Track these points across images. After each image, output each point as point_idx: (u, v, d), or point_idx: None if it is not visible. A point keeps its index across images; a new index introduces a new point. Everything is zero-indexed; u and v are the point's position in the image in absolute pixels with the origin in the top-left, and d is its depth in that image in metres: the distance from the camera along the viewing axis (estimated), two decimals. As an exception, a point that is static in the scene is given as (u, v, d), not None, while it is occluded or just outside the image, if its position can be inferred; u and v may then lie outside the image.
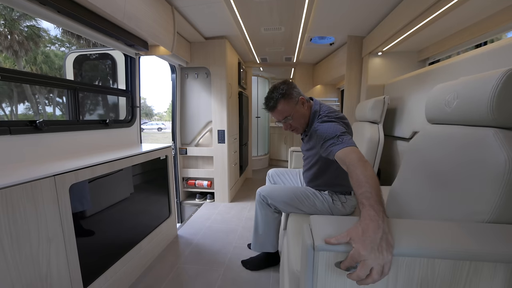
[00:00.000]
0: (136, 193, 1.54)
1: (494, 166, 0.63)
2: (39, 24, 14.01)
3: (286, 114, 1.22)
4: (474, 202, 0.67)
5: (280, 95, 1.20)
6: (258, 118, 4.80)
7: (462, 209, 0.70)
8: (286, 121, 1.24)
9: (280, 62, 3.88)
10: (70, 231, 1.05)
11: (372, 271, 0.54)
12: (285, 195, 1.35)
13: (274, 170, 1.74)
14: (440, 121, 0.92)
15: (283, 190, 1.39)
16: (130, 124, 1.92)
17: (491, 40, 1.58)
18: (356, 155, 0.88)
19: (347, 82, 2.65)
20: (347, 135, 1.02)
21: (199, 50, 2.70)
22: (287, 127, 1.28)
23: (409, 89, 1.87)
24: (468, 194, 0.69)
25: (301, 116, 1.25)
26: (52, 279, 0.98)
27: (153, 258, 1.73)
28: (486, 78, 0.71)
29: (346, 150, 0.94)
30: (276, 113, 1.23)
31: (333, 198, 1.31)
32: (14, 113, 14.87)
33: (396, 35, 1.89)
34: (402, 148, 1.91)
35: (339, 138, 1.00)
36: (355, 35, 2.54)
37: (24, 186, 0.86)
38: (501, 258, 0.55)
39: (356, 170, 0.78)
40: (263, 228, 1.48)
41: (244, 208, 2.72)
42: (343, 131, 1.05)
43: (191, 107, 2.88)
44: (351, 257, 0.55)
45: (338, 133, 1.02)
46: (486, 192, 0.64)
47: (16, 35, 12.97)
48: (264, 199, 1.41)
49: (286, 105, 1.21)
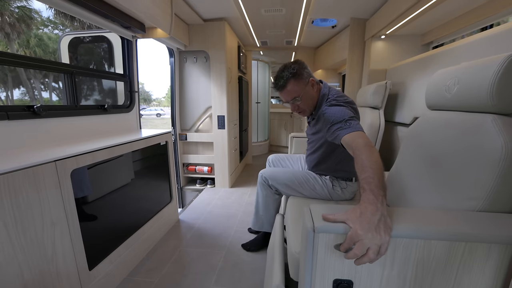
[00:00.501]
0: (137, 178, 1.55)
1: (491, 152, 0.64)
2: (30, 5, 13.52)
3: (295, 95, 1.20)
4: (470, 187, 0.68)
5: (290, 74, 1.17)
6: (258, 104, 4.76)
7: (458, 194, 0.71)
8: (294, 102, 1.22)
9: (280, 46, 3.80)
10: (73, 215, 1.07)
11: (369, 250, 0.56)
12: (286, 178, 1.38)
13: (274, 156, 1.76)
14: (439, 107, 0.91)
15: (284, 172, 1.42)
16: (129, 110, 1.90)
17: (497, 23, 1.53)
18: (363, 140, 0.87)
19: (348, 66, 2.60)
20: (355, 120, 1.01)
21: (197, 33, 2.63)
22: (295, 108, 1.26)
23: (411, 74, 1.84)
24: (465, 179, 0.70)
25: (310, 98, 1.23)
26: (58, 261, 1.00)
27: (155, 242, 1.76)
28: (488, 63, 0.70)
29: (353, 134, 0.93)
30: (285, 93, 1.21)
31: (334, 183, 1.33)
32: (10, 99, 14.66)
33: (400, 17, 1.84)
34: (402, 134, 1.90)
35: (347, 122, 0.99)
36: (358, 18, 2.47)
37: (26, 171, 0.87)
38: (495, 239, 0.56)
39: (362, 155, 0.78)
40: (263, 209, 1.53)
41: (244, 193, 2.76)
42: (351, 115, 1.03)
43: (190, 92, 2.84)
44: (350, 238, 0.57)
45: (346, 118, 1.01)
46: (482, 177, 0.65)
47: (7, 16, 12.54)
48: (265, 180, 1.44)
49: (296, 85, 1.18)
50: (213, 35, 2.61)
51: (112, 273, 1.31)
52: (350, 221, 0.59)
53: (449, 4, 1.54)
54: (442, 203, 0.76)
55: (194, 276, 1.43)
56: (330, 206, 0.69)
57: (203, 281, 1.40)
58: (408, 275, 0.61)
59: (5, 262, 0.82)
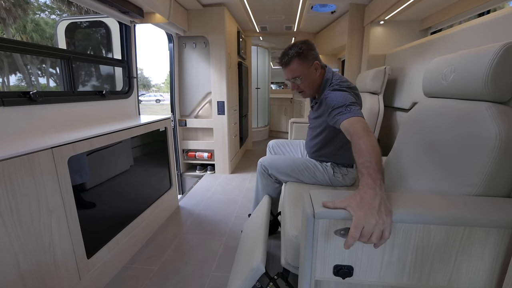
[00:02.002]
0: (136, 165, 1.54)
1: (486, 139, 0.64)
2: (25, -11, 13.16)
3: (297, 74, 1.20)
4: (466, 172, 0.69)
5: (295, 53, 1.17)
6: (258, 89, 4.75)
7: (455, 179, 0.72)
8: (294, 81, 1.23)
9: (280, 31, 3.75)
10: (71, 203, 1.05)
11: (372, 236, 0.55)
12: (286, 166, 1.37)
13: (274, 141, 1.75)
14: (436, 95, 0.93)
15: (284, 160, 1.40)
16: (127, 96, 1.91)
17: (494, 9, 1.53)
18: (362, 125, 0.88)
19: (348, 52, 2.59)
20: (356, 105, 1.02)
21: (197, 18, 2.60)
22: (294, 87, 1.26)
23: (410, 60, 1.84)
24: (461, 165, 0.71)
25: (311, 80, 1.23)
26: (55, 250, 0.99)
27: (155, 228, 1.75)
28: (483, 52, 0.71)
29: (352, 119, 0.95)
30: (287, 70, 1.22)
31: (335, 170, 1.33)
32: (6, 85, 14.52)
33: (399, 3, 1.82)
34: (401, 119, 1.92)
35: (348, 107, 1.01)
36: (357, 3, 2.43)
37: (21, 158, 0.85)
38: (494, 223, 0.57)
39: (359, 139, 0.79)
40: (263, 195, 1.51)
41: (244, 179, 2.78)
42: (353, 101, 1.05)
43: (189, 78, 2.84)
44: (355, 227, 0.55)
45: (347, 103, 1.02)
46: (477, 164, 0.66)
47: (2, 1, 12.24)
48: (265, 169, 1.42)
49: (299, 65, 1.19)
50: (213, 20, 2.59)
51: (110, 261, 1.30)
52: (351, 208, 0.58)
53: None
54: (439, 188, 0.77)
55: (195, 263, 1.42)
56: (330, 192, 0.69)
57: (203, 268, 1.39)
58: (408, 260, 0.62)
59: (1, 251, 0.81)
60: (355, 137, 0.83)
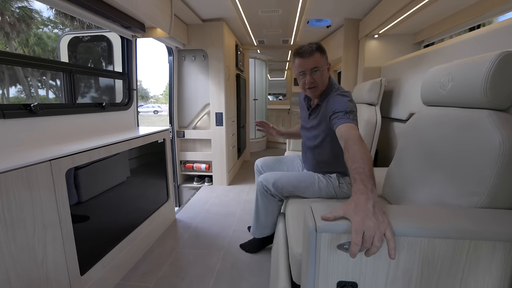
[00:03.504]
0: (133, 177, 1.51)
1: (489, 147, 0.64)
2: (31, 6, 13.51)
3: (318, 65, 1.20)
4: (470, 183, 0.68)
5: (319, 47, 1.21)
6: (256, 101, 4.81)
7: (459, 190, 0.71)
8: (314, 71, 1.21)
9: (277, 44, 3.84)
10: (67, 217, 1.02)
11: (374, 238, 0.55)
12: (290, 184, 1.29)
13: (262, 161, 1.63)
14: (435, 103, 0.94)
15: (288, 178, 1.32)
16: (127, 107, 1.92)
17: (483, 24, 1.59)
18: (357, 132, 0.93)
19: (344, 64, 2.65)
20: (354, 114, 1.09)
21: (196, 32, 2.67)
22: (311, 79, 1.22)
23: (405, 71, 1.89)
24: (464, 175, 0.70)
25: (325, 78, 1.24)
26: (48, 266, 0.95)
27: (151, 243, 1.71)
28: (480, 61, 0.72)
29: (350, 125, 1.00)
30: (310, 59, 1.19)
31: (340, 180, 1.29)
32: (6, 97, 14.61)
33: (392, 18, 1.89)
34: (399, 129, 1.94)
35: (347, 114, 1.05)
36: (352, 18, 2.52)
37: (19, 171, 0.83)
38: (500, 236, 0.55)
39: (355, 145, 0.83)
40: (265, 216, 1.44)
41: (242, 191, 2.75)
42: (353, 109, 1.11)
43: (188, 89, 2.88)
44: (355, 231, 0.55)
45: (348, 110, 1.07)
46: (482, 173, 0.65)
47: (7, 16, 12.52)
48: (267, 190, 1.33)
49: (320, 58, 1.21)
50: (212, 34, 2.65)
51: (104, 278, 1.25)
52: (348, 214, 0.59)
53: (438, 6, 1.60)
54: (443, 199, 0.75)
55: (191, 279, 1.38)
56: (332, 204, 0.68)
57: (200, 284, 1.35)
58: (413, 275, 0.59)
59: None
60: (350, 143, 0.86)
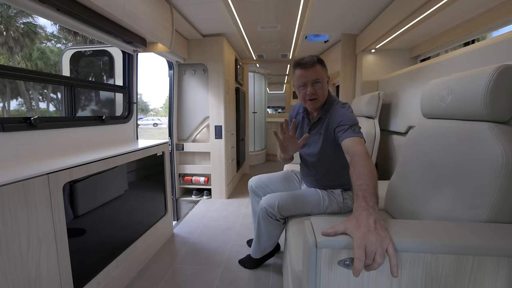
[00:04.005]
0: (131, 190, 1.50)
1: (491, 160, 0.64)
2: (36, 21, 13.87)
3: (319, 77, 1.19)
4: (473, 196, 0.67)
5: (320, 60, 1.21)
6: (255, 114, 4.84)
7: (462, 203, 0.70)
8: (316, 83, 1.19)
9: (276, 59, 3.92)
10: (62, 232, 1.00)
11: (376, 254, 0.54)
12: (297, 207, 1.24)
13: (256, 181, 1.54)
14: (436, 116, 0.94)
15: (293, 201, 1.26)
16: (126, 120, 1.93)
17: (477, 39, 1.63)
18: (364, 147, 0.93)
19: (342, 78, 2.69)
20: (359, 127, 1.09)
21: (196, 47, 2.73)
22: (312, 91, 1.19)
23: (402, 85, 1.91)
24: (467, 188, 0.69)
25: (325, 89, 1.23)
26: (41, 283, 0.92)
27: (148, 258, 1.67)
28: (479, 74, 0.73)
29: (356, 139, 0.99)
30: (312, 71, 1.18)
31: (344, 196, 1.27)
32: (6, 109, 14.70)
33: (388, 33, 1.94)
34: (398, 142, 1.95)
35: (352, 127, 1.06)
36: (349, 33, 2.58)
37: (15, 185, 0.82)
38: (504, 252, 0.54)
39: (360, 161, 0.84)
40: (268, 239, 1.40)
41: (241, 204, 2.72)
42: (357, 122, 1.11)
43: (188, 103, 2.90)
44: (358, 247, 0.55)
45: (353, 123, 1.08)
46: (485, 185, 0.64)
47: (12, 31, 12.82)
48: (272, 215, 1.26)
49: (321, 70, 1.20)
50: (212, 49, 2.70)
51: None
52: (349, 230, 0.59)
53: (433, 22, 1.64)
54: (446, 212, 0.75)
55: None
56: (332, 219, 0.67)
57: None
58: None
59: None
60: (356, 158, 0.86)
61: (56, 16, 1.26)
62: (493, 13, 1.41)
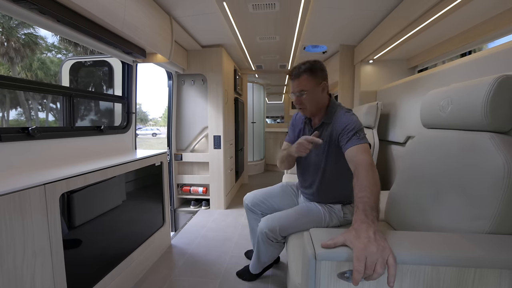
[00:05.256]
0: (129, 200, 1.49)
1: (492, 170, 0.63)
2: (37, 32, 14.05)
3: (304, 88, 1.17)
4: (475, 206, 0.66)
5: (307, 69, 1.17)
6: (254, 124, 4.85)
7: (463, 214, 0.69)
8: (300, 94, 1.18)
9: (275, 69, 3.96)
10: (58, 243, 0.98)
11: (376, 265, 0.54)
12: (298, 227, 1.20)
13: (251, 198, 1.48)
14: (436, 126, 0.94)
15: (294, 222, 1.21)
16: (125, 131, 1.92)
17: (474, 50, 1.65)
18: (368, 156, 0.91)
19: (340, 88, 2.71)
20: (364, 133, 1.05)
21: (196, 58, 2.75)
22: (298, 101, 1.20)
23: (401, 95, 1.93)
24: (468, 199, 0.69)
25: (315, 98, 1.19)
26: None
27: (145, 270, 1.65)
28: (479, 84, 0.73)
29: (361, 147, 0.97)
30: (296, 82, 1.18)
31: (344, 211, 1.24)
32: (6, 119, 14.70)
33: (386, 44, 1.96)
34: (397, 152, 1.94)
35: (357, 133, 1.03)
36: (347, 44, 2.62)
37: (11, 196, 0.81)
38: (506, 264, 0.54)
39: (363, 171, 0.83)
40: (267, 256, 1.37)
41: (240, 215, 2.69)
42: (362, 128, 1.08)
43: (187, 113, 2.91)
44: (357, 258, 0.55)
45: (357, 129, 1.05)
46: (487, 196, 0.64)
47: (13, 42, 12.96)
48: (273, 238, 1.22)
49: (308, 81, 1.16)
50: (211, 60, 2.73)
51: None
52: (349, 242, 0.59)
53: (430, 33, 1.67)
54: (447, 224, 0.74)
55: None
56: (332, 231, 0.66)
57: None
58: None
59: None
60: (360, 169, 0.85)
61: (57, 27, 1.26)
62: (489, 25, 1.43)
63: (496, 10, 1.33)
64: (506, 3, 1.26)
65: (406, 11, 1.61)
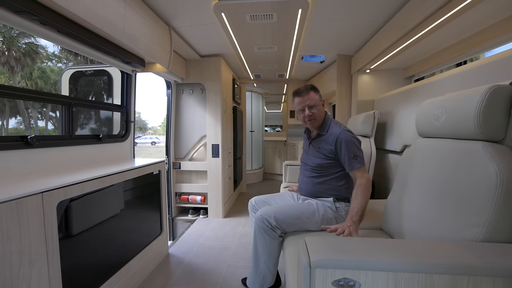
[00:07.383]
0: (127, 209, 1.49)
1: (486, 179, 0.64)
2: (38, 42, 14.20)
3: (314, 102, 1.41)
4: (469, 214, 0.67)
5: (312, 87, 1.44)
6: (253, 132, 4.86)
7: (457, 222, 0.70)
8: (312, 107, 1.41)
9: (273, 79, 3.99)
10: (55, 252, 0.98)
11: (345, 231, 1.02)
12: (292, 216, 1.28)
13: (256, 199, 1.60)
14: (431, 135, 0.95)
15: (288, 210, 1.31)
16: (123, 139, 1.93)
17: (470, 59, 1.68)
18: (366, 178, 1.24)
19: (338, 97, 2.74)
20: (361, 157, 1.30)
21: (194, 67, 2.78)
22: (310, 113, 1.41)
23: (397, 104, 1.94)
24: (462, 207, 0.70)
25: (321, 111, 1.45)
26: None
27: (142, 279, 1.63)
28: (471, 94, 0.74)
29: (362, 169, 1.28)
30: (308, 97, 1.41)
31: (336, 204, 1.37)
32: (5, 128, 14.70)
33: (382, 54, 2.00)
34: (394, 161, 1.95)
35: (358, 157, 1.29)
36: (344, 54, 2.66)
37: (9, 204, 0.81)
38: (499, 272, 0.54)
39: (360, 190, 1.20)
40: (265, 259, 1.31)
41: (238, 224, 2.68)
42: (360, 150, 1.33)
43: (185, 121, 2.92)
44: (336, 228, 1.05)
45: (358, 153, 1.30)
46: (480, 205, 0.65)
47: (14, 51, 13.08)
48: (268, 224, 1.25)
49: (315, 95, 1.43)
50: (209, 69, 2.76)
51: None
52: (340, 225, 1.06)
53: (426, 43, 1.70)
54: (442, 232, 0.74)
55: None
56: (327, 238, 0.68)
57: None
58: None
59: None
60: (359, 190, 1.20)
61: (57, 37, 1.28)
62: (484, 35, 1.46)
63: (491, 20, 1.36)
64: (502, 13, 1.28)
65: (402, 22, 1.65)
